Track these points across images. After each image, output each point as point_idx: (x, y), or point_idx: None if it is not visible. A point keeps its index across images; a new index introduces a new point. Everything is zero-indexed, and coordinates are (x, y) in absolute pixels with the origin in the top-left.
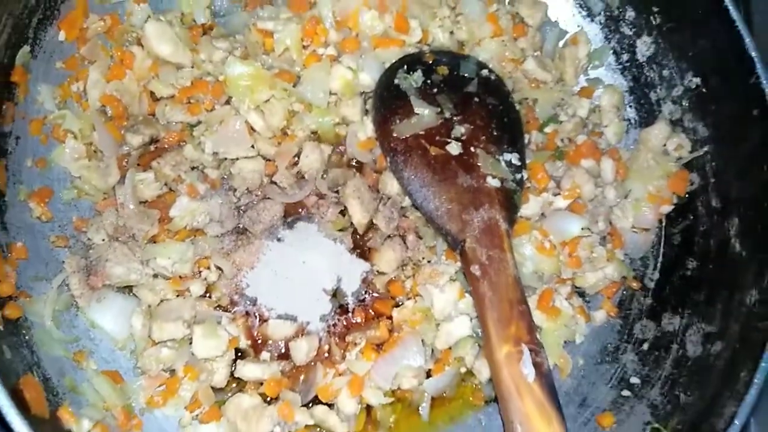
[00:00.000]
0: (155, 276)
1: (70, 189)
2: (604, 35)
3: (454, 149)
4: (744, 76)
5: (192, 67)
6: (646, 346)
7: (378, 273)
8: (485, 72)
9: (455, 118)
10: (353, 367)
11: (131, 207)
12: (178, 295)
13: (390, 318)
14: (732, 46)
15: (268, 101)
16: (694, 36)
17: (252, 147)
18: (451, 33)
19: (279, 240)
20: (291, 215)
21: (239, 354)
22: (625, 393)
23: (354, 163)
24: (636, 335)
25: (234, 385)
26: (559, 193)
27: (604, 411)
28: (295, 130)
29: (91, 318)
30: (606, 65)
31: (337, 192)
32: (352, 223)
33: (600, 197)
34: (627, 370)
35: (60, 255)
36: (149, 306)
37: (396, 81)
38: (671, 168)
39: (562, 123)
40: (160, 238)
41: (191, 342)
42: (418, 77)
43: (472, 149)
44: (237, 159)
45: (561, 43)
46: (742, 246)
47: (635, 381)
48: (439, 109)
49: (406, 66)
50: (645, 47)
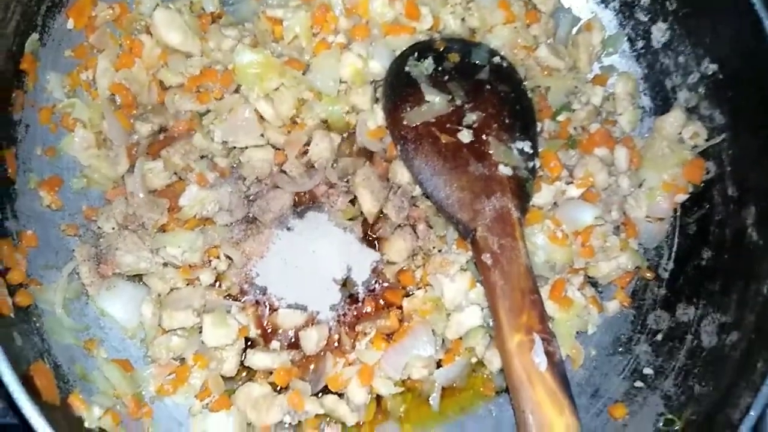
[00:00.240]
0: (165, 265)
1: (79, 178)
2: (618, 21)
3: (465, 137)
4: (763, 61)
5: (201, 56)
6: (659, 336)
7: (388, 262)
8: (497, 59)
9: (466, 105)
10: (363, 357)
11: (141, 196)
12: (187, 284)
13: (400, 308)
14: (751, 30)
15: (277, 89)
16: (711, 21)
17: (261, 136)
18: (463, 20)
19: (289, 229)
20: (301, 204)
21: (249, 343)
22: (638, 384)
23: (364, 152)
24: (649, 326)
25: (244, 374)
26: (572, 182)
27: (616, 402)
28: (305, 118)
29: (101, 306)
30: (620, 52)
31: (347, 181)
32: (362, 213)
33: (614, 186)
34: (640, 360)
35: (70, 243)
36: (159, 295)
37: (406, 68)
38: (687, 156)
39: (575, 111)
40: (169, 227)
41: (201, 331)
42: (428, 64)
43: (483, 137)
44: (246, 148)
45: (574, 30)
46: (759, 235)
47: (648, 372)
48: (450, 97)
49: (416, 53)
50: (660, 33)
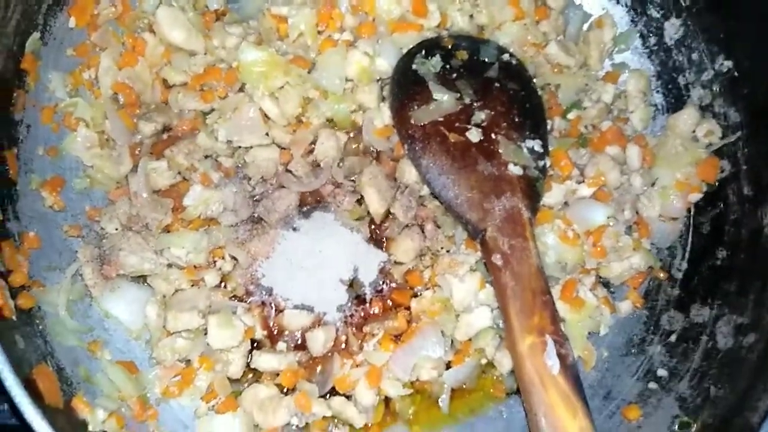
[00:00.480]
0: (169, 266)
1: (82, 178)
2: (630, 18)
3: (474, 136)
4: None
5: (205, 54)
6: (673, 337)
7: (395, 263)
8: (506, 57)
9: (475, 104)
10: (371, 358)
11: (144, 196)
12: (192, 285)
13: (408, 308)
14: (764, 28)
15: (282, 88)
16: (725, 17)
17: (266, 135)
18: (471, 17)
19: (294, 229)
20: (307, 204)
21: (255, 344)
22: (652, 385)
23: (371, 151)
24: (663, 326)
25: (250, 376)
26: (583, 181)
27: (629, 404)
28: (311, 117)
29: (105, 308)
30: (632, 49)
31: (354, 180)
32: (368, 212)
33: (626, 185)
34: (654, 362)
35: (73, 244)
36: (164, 296)
37: (414, 66)
38: (701, 155)
39: (586, 109)
40: (173, 227)
41: (206, 332)
42: (436, 62)
43: (492, 136)
44: (251, 147)
45: (585, 27)
46: None
47: (663, 373)
48: (459, 95)
49: (424, 51)
50: (673, 30)
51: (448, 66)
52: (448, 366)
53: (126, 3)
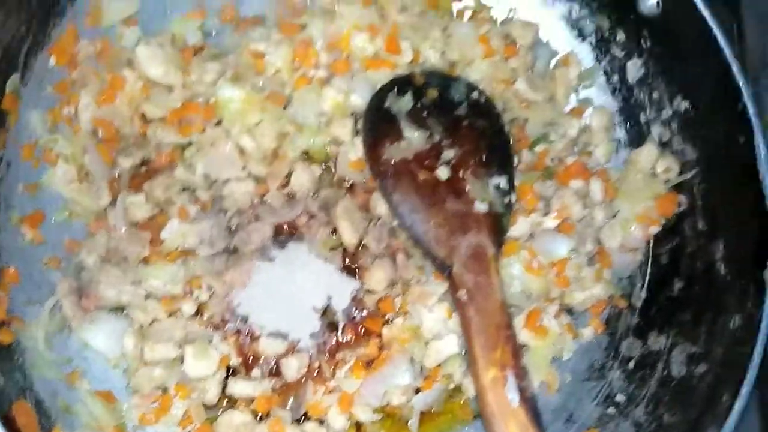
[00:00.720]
0: (147, 296)
1: (61, 210)
2: (594, 56)
3: (443, 173)
4: (731, 103)
5: (183, 88)
6: (632, 364)
7: (368, 291)
8: (475, 94)
9: (444, 141)
10: (343, 385)
11: (123, 230)
12: (169, 315)
13: (380, 335)
14: (719, 74)
15: (258, 124)
16: (682, 61)
17: (243, 168)
18: (443, 53)
19: (270, 260)
20: (282, 235)
21: (230, 371)
22: (611, 410)
23: (345, 183)
24: (622, 353)
25: (225, 402)
26: (548, 213)
27: (589, 428)
28: (286, 150)
29: (84, 338)
30: (597, 85)
31: (328, 212)
32: (342, 243)
33: (588, 218)
34: (613, 387)
35: (52, 276)
36: (141, 326)
37: (386, 104)
38: (659, 190)
39: (552, 142)
40: (151, 259)
41: (183, 361)
42: (408, 100)
43: (460, 173)
44: (228, 181)
45: (552, 63)
46: (726, 270)
47: (621, 399)
48: (429, 133)
49: (396, 88)
50: (635, 69)
51: (419, 104)
52: (417, 391)
53: (106, 41)
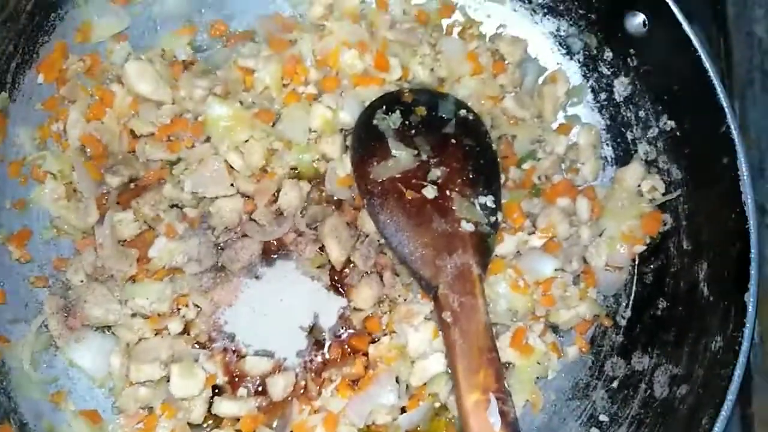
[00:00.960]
0: (133, 315)
1: (49, 228)
2: (582, 73)
3: (429, 193)
4: (715, 124)
5: (172, 104)
6: (615, 384)
7: (355, 309)
8: (463, 112)
9: (432, 160)
10: (328, 404)
11: (110, 248)
12: (156, 334)
13: (366, 354)
14: (703, 94)
15: (247, 141)
16: (668, 80)
17: (231, 186)
18: (432, 70)
19: (257, 278)
20: (270, 252)
21: (216, 390)
22: (594, 430)
23: (333, 200)
24: (606, 372)
25: (211, 421)
26: (534, 232)
27: None
28: (275, 167)
29: (70, 357)
30: (584, 103)
31: (316, 229)
32: (329, 260)
33: (575, 237)
34: (597, 407)
35: (39, 295)
36: (127, 345)
37: (374, 122)
38: (645, 209)
39: (540, 160)
40: (138, 277)
41: (169, 380)
42: (396, 119)
43: (447, 192)
44: (216, 198)
45: (540, 80)
46: (709, 291)
47: (604, 419)
48: (417, 152)
49: (384, 106)
50: (622, 87)
51: (407, 122)
52: (403, 410)
53: (95, 56)
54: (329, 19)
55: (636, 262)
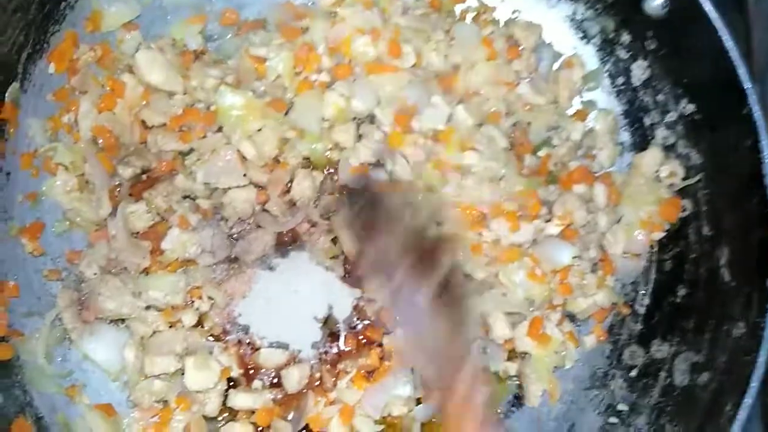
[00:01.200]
0: (147, 308)
1: (62, 221)
2: (599, 58)
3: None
4: (737, 106)
5: (184, 94)
6: (634, 372)
7: (369, 300)
8: None
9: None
10: (344, 396)
11: (123, 240)
12: (170, 326)
13: (380, 345)
14: (725, 76)
15: (260, 130)
16: (688, 63)
17: (244, 176)
18: (445, 56)
19: (271, 269)
20: (283, 244)
21: (231, 383)
22: (613, 420)
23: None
24: (625, 361)
25: (226, 414)
26: (551, 219)
27: None
28: (288, 157)
29: (84, 351)
30: (601, 88)
31: (329, 219)
32: (343, 251)
33: (592, 223)
34: (615, 396)
35: (52, 288)
36: (141, 338)
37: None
38: (663, 195)
39: (555, 147)
40: (152, 269)
41: (183, 373)
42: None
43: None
44: (229, 189)
45: (556, 65)
46: (731, 275)
47: (623, 408)
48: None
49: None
50: (640, 71)
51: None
52: (418, 401)
53: (106, 46)
54: (341, 6)
55: (654, 248)
